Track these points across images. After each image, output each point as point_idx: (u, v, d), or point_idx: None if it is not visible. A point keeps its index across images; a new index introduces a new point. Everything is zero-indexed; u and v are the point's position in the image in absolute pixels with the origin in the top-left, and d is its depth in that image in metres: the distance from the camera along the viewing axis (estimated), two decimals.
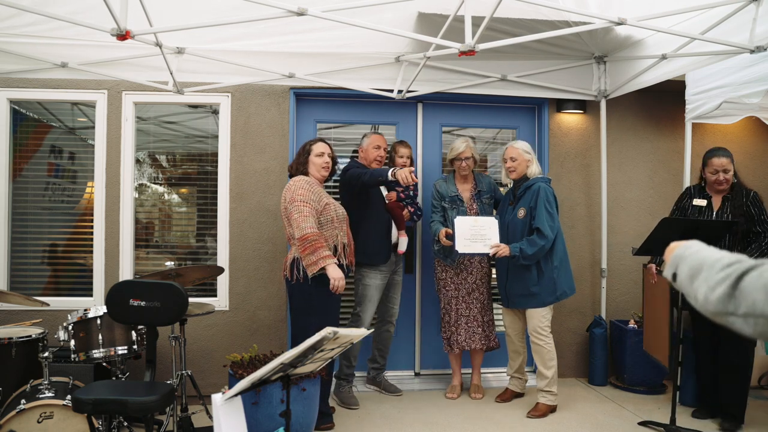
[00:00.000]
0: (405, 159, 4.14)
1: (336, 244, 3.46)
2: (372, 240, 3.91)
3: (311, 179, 3.51)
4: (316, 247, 3.28)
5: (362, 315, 3.99)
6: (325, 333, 2.02)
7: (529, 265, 3.79)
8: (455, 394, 4.17)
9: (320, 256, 3.28)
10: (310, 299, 3.41)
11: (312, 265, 3.29)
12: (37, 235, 4.28)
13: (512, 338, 4.12)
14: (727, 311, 0.89)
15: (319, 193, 3.45)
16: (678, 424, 3.47)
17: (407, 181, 3.47)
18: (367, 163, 4.00)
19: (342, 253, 3.48)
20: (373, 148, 3.99)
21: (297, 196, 3.36)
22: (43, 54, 3.73)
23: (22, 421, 2.77)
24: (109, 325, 3.21)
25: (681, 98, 4.13)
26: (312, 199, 3.38)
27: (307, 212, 3.32)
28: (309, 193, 3.39)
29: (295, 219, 3.33)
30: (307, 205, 3.34)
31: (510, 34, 3.40)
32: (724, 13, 3.09)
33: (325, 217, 3.44)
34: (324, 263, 3.29)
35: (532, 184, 3.83)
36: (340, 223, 3.51)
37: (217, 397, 2.17)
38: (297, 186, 3.41)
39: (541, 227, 3.70)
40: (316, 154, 3.54)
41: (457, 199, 4.06)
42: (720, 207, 3.73)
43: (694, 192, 3.84)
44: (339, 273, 3.33)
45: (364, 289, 3.99)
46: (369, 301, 3.98)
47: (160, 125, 4.45)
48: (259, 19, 2.86)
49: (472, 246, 3.82)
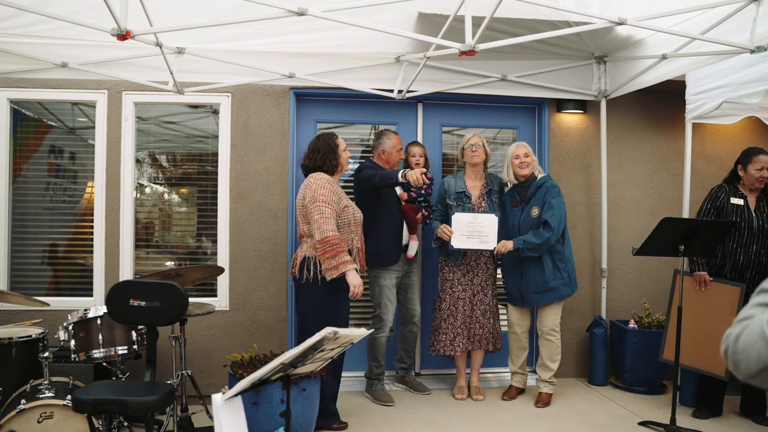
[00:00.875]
0: (418, 158, 4.15)
1: (351, 248, 3.43)
2: (383, 240, 3.93)
3: (332, 178, 3.45)
4: (337, 252, 3.24)
5: (383, 317, 4.03)
6: (326, 333, 2.02)
7: (542, 262, 3.86)
8: (464, 394, 4.17)
9: (341, 261, 3.25)
10: (319, 301, 3.36)
11: (332, 269, 3.25)
12: (37, 235, 4.28)
13: (519, 335, 4.15)
14: (747, 374, 0.92)
15: (339, 194, 3.41)
16: (678, 424, 3.47)
17: (418, 182, 3.45)
18: (389, 165, 4.01)
19: (356, 256, 3.46)
20: (396, 152, 4.01)
21: (319, 196, 3.30)
22: (43, 54, 3.73)
23: (22, 421, 2.77)
24: (109, 325, 3.21)
25: (681, 98, 4.13)
26: (333, 200, 3.34)
27: (329, 214, 3.27)
28: (331, 194, 3.34)
29: (317, 220, 3.27)
30: (329, 207, 3.29)
31: (510, 34, 3.40)
32: (724, 13, 3.09)
33: (343, 220, 3.41)
34: (345, 269, 3.26)
35: (543, 182, 3.93)
36: (356, 227, 3.49)
37: (217, 397, 2.17)
38: (319, 185, 3.34)
39: (549, 220, 3.80)
40: (342, 148, 3.52)
41: (464, 195, 4.05)
42: (756, 206, 3.78)
43: (727, 191, 3.83)
44: (359, 280, 3.30)
45: (380, 290, 4.01)
46: (388, 301, 4.02)
47: (160, 125, 4.45)
48: (259, 19, 2.86)
49: (468, 242, 3.86)
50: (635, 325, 4.40)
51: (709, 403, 3.84)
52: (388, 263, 3.98)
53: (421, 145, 4.24)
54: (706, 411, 3.84)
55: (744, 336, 0.92)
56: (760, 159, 3.74)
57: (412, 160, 4.16)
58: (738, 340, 0.93)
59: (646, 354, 4.27)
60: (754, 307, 0.96)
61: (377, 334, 4.04)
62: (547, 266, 3.88)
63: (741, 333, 0.93)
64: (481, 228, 3.87)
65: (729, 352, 0.94)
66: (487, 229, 3.87)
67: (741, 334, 0.92)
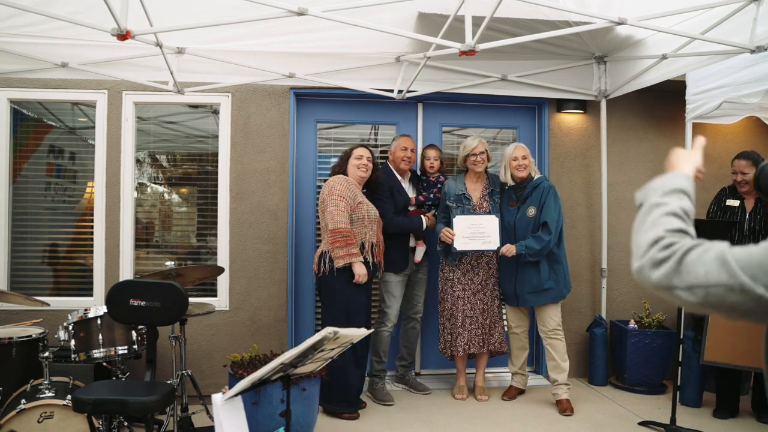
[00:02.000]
0: (432, 161, 4.23)
1: (364, 242, 3.69)
2: (391, 246, 4.00)
3: (350, 179, 3.75)
4: (346, 243, 3.56)
5: (387, 311, 4.11)
6: (326, 333, 2.02)
7: (537, 263, 3.86)
8: (464, 394, 4.16)
9: (349, 252, 3.56)
10: (334, 291, 3.63)
11: (339, 258, 3.56)
12: (37, 235, 4.28)
13: (519, 336, 4.15)
14: (671, 285, 1.01)
15: (354, 191, 3.70)
16: (678, 424, 3.47)
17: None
18: (395, 165, 4.12)
19: (369, 251, 3.71)
20: (400, 150, 4.09)
21: (335, 191, 3.63)
22: (43, 54, 3.73)
23: (22, 421, 2.77)
24: (110, 325, 3.21)
25: (681, 98, 4.13)
26: (348, 195, 3.65)
27: (343, 207, 3.59)
28: (346, 190, 3.66)
29: (330, 211, 3.59)
30: (344, 200, 3.61)
31: (510, 34, 3.40)
32: (724, 13, 3.09)
33: (357, 215, 3.68)
34: (351, 260, 3.56)
35: (539, 183, 3.96)
36: (370, 222, 3.73)
37: (217, 397, 2.17)
38: (336, 182, 3.69)
39: (549, 221, 3.82)
40: (355, 156, 3.81)
41: (464, 197, 4.06)
42: (753, 208, 3.85)
43: (727, 193, 3.98)
44: (363, 270, 3.59)
45: (385, 285, 4.11)
46: (392, 296, 4.09)
47: (161, 125, 4.45)
48: (259, 19, 2.86)
49: (470, 243, 3.89)
50: (635, 325, 4.40)
51: (729, 403, 3.88)
52: (398, 270, 4.09)
53: (436, 148, 4.29)
54: (726, 411, 3.87)
55: (696, 252, 1.00)
56: (736, 164, 3.88)
57: (426, 163, 4.23)
58: (688, 252, 1.00)
59: (646, 354, 4.28)
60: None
61: (380, 329, 4.08)
62: (542, 267, 3.88)
63: (693, 248, 1.01)
64: (483, 229, 3.91)
65: (669, 261, 1.01)
66: (488, 229, 3.90)
67: (693, 249, 1.01)
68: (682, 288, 1.00)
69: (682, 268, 1.00)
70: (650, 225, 1.09)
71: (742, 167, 3.82)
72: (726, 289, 0.96)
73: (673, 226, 1.08)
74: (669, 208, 1.11)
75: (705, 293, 0.98)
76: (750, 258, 0.96)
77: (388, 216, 3.94)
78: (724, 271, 0.96)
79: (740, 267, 0.95)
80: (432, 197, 4.19)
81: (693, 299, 0.99)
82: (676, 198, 1.13)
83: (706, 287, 0.97)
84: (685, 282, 0.99)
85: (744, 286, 0.94)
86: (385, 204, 3.97)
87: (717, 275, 0.96)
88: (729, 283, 0.95)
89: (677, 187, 1.15)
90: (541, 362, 4.59)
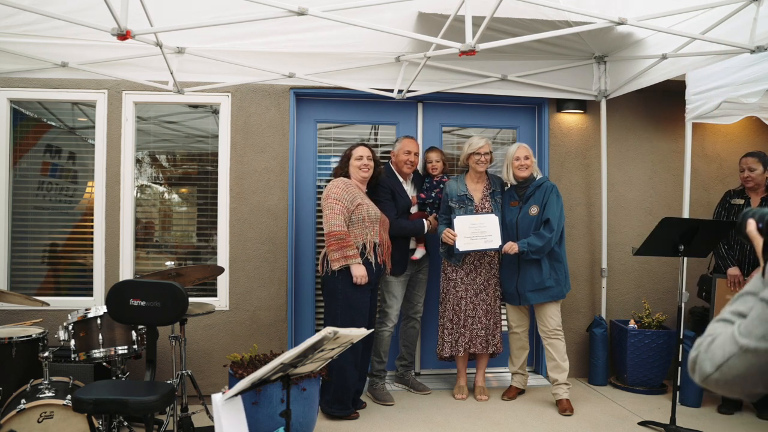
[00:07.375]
0: (434, 164, 4.24)
1: (365, 243, 3.67)
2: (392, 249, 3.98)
3: (350, 181, 3.75)
4: (342, 245, 3.57)
5: (388, 311, 4.12)
6: (325, 333, 2.02)
7: (539, 260, 3.88)
8: (464, 394, 4.16)
9: (345, 254, 3.57)
10: (336, 292, 3.64)
11: (334, 261, 3.58)
12: (37, 234, 4.28)
13: (519, 335, 4.16)
14: (706, 373, 1.09)
15: (353, 193, 3.68)
16: (678, 424, 3.47)
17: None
18: (397, 168, 4.12)
19: (371, 251, 3.69)
20: (403, 153, 4.08)
21: (331, 194, 3.65)
22: (43, 54, 3.73)
23: (22, 420, 2.77)
24: (110, 324, 3.20)
25: (681, 98, 4.13)
26: (345, 198, 3.64)
27: (338, 210, 3.59)
28: (343, 193, 3.65)
29: (326, 215, 3.63)
30: (339, 204, 3.61)
31: (510, 34, 3.40)
32: (724, 13, 3.09)
33: (357, 216, 3.66)
34: (348, 262, 3.57)
35: (542, 182, 3.98)
36: (371, 223, 3.70)
37: (217, 397, 2.17)
38: (334, 185, 3.70)
39: (551, 218, 3.85)
40: (355, 157, 3.79)
41: (466, 198, 4.06)
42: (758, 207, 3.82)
43: (733, 193, 4.07)
44: (361, 271, 3.58)
45: (386, 285, 4.11)
46: (393, 297, 4.10)
47: (161, 125, 4.45)
48: (260, 18, 2.86)
49: (472, 243, 3.90)
50: (635, 325, 4.40)
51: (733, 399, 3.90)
52: (397, 273, 4.08)
53: (438, 151, 4.30)
54: (731, 406, 3.92)
55: (716, 342, 1.08)
56: (744, 160, 3.97)
57: (429, 165, 4.25)
58: (710, 346, 1.08)
59: (646, 354, 4.28)
60: (728, 316, 1.11)
61: (381, 329, 4.09)
62: (544, 265, 3.90)
63: (714, 341, 1.09)
64: (484, 228, 3.92)
65: (698, 358, 1.10)
66: (489, 228, 3.92)
67: (713, 342, 1.09)
68: (708, 376, 1.07)
69: (702, 357, 1.09)
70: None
71: (750, 163, 3.90)
72: (736, 357, 1.03)
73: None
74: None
75: (728, 369, 1.04)
76: (748, 324, 1.03)
77: (389, 219, 3.94)
78: (732, 342, 1.05)
79: (740, 334, 1.03)
80: (434, 196, 4.19)
81: (718, 376, 1.06)
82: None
83: (725, 363, 1.05)
84: (714, 365, 1.07)
85: (746, 348, 1.01)
86: (387, 206, 3.96)
87: (730, 349, 1.04)
88: (735, 351, 1.03)
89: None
90: (541, 362, 4.60)
